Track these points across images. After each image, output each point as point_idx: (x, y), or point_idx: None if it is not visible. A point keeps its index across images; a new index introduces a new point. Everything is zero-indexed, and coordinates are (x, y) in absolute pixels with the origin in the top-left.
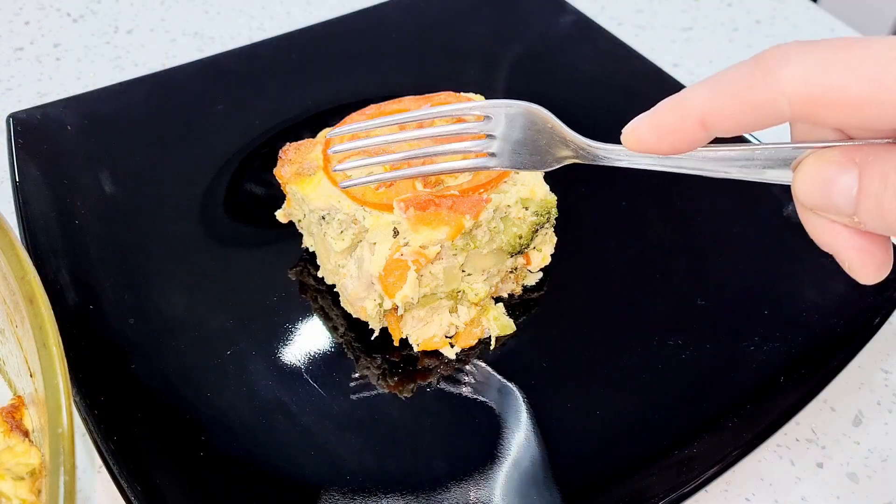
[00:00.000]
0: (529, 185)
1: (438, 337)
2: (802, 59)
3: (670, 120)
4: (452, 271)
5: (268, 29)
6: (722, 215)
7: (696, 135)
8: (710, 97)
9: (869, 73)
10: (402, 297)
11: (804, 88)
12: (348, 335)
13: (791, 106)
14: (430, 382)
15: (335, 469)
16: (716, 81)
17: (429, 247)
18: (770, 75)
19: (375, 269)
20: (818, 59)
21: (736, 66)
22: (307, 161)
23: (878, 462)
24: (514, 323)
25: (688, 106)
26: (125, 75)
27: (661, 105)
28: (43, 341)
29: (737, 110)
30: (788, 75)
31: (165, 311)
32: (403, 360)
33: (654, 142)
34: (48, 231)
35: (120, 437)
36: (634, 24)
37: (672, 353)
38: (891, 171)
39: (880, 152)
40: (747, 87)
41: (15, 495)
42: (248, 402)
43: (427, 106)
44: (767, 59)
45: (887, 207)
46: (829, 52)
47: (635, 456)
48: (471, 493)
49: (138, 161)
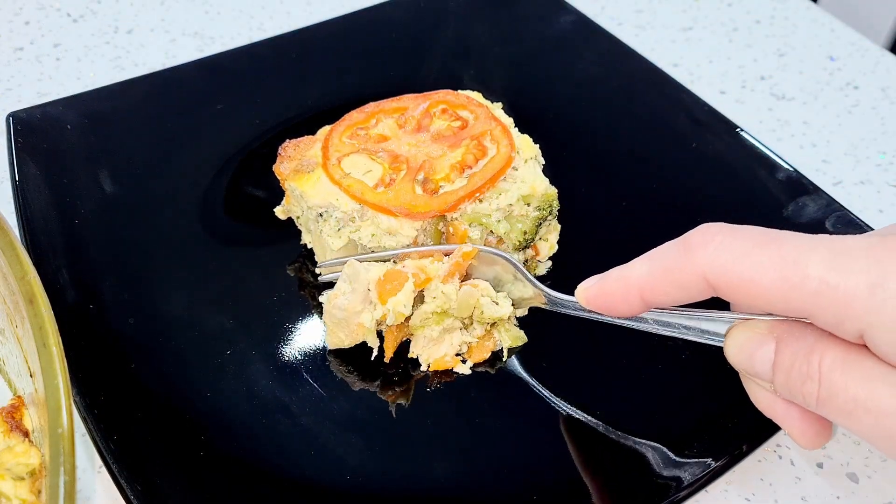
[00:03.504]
0: (529, 181)
1: (450, 356)
2: (720, 246)
3: (616, 290)
4: (469, 299)
5: (268, 29)
6: (723, 214)
7: (637, 306)
8: (646, 273)
9: (779, 271)
10: (394, 304)
11: (721, 275)
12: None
13: (710, 286)
14: (430, 382)
15: (335, 469)
16: (652, 259)
17: (432, 263)
18: (693, 258)
19: (374, 275)
20: (735, 249)
21: (668, 245)
22: (306, 158)
23: (878, 462)
24: (524, 334)
25: (629, 280)
26: (125, 75)
27: (609, 274)
28: (43, 341)
29: (668, 288)
30: (706, 259)
31: (165, 310)
32: (406, 364)
33: (600, 307)
34: (48, 230)
35: (120, 437)
36: (634, 24)
37: (672, 353)
38: (801, 350)
39: (796, 331)
40: (674, 267)
41: (15, 495)
42: (248, 402)
43: (426, 103)
44: (691, 240)
45: (793, 382)
46: (746, 244)
47: (635, 456)
48: (472, 494)
49: (138, 160)
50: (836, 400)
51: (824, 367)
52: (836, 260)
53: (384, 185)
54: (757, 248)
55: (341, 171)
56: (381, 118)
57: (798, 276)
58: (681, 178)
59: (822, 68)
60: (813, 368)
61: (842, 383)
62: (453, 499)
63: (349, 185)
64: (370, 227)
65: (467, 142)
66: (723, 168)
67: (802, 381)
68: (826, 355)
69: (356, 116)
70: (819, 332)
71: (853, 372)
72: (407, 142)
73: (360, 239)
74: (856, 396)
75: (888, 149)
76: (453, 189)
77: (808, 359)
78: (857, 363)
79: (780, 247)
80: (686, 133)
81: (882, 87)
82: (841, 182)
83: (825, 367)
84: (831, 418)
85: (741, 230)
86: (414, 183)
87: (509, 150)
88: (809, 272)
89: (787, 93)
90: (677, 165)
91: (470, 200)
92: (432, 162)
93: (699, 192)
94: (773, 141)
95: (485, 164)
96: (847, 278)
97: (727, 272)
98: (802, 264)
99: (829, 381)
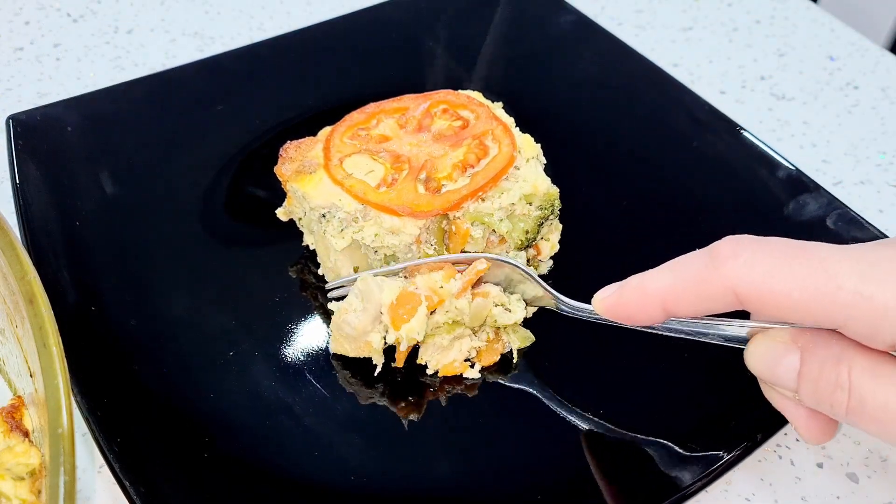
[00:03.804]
0: (531, 181)
1: (459, 362)
2: (749, 258)
3: (636, 300)
4: (482, 311)
5: (268, 29)
6: (723, 213)
7: (657, 316)
8: (670, 285)
9: (811, 283)
10: (407, 330)
11: (750, 288)
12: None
13: (738, 298)
14: (434, 383)
15: (338, 470)
16: (675, 269)
17: (443, 286)
18: (720, 269)
19: (388, 298)
20: (764, 262)
21: (693, 255)
22: (308, 159)
23: (878, 462)
24: (531, 333)
25: (650, 290)
26: (125, 75)
27: (628, 283)
28: (43, 341)
29: (693, 299)
30: (735, 272)
31: (167, 311)
32: (413, 367)
33: (619, 316)
34: (49, 232)
35: (123, 440)
36: (634, 24)
37: (673, 353)
38: (828, 360)
39: (821, 340)
40: (701, 280)
41: (15, 495)
42: (251, 403)
43: (426, 103)
44: (719, 252)
45: (822, 392)
46: (775, 257)
47: (636, 455)
48: (476, 494)
49: (138, 161)
50: (866, 408)
51: (854, 376)
52: (869, 270)
53: (386, 184)
54: (787, 261)
55: (343, 172)
56: (381, 118)
57: (830, 287)
58: (681, 178)
59: (822, 68)
60: (843, 377)
61: (871, 392)
62: (457, 499)
63: (351, 185)
64: (373, 226)
65: (469, 141)
66: (723, 167)
67: (832, 390)
68: (855, 364)
69: (357, 117)
70: (845, 340)
71: (883, 380)
72: (408, 142)
73: (363, 239)
74: (886, 404)
75: (888, 149)
76: (456, 188)
77: (837, 368)
78: (887, 371)
79: (810, 258)
80: (686, 132)
81: (882, 87)
82: (841, 182)
83: (855, 376)
84: (861, 427)
85: (769, 242)
86: (416, 182)
87: (511, 149)
88: (842, 283)
89: (787, 93)
90: (678, 164)
91: (472, 199)
92: (434, 161)
93: (700, 190)
94: (774, 141)
95: (487, 163)
96: (883, 289)
97: (758, 285)
98: (834, 275)
99: (860, 389)
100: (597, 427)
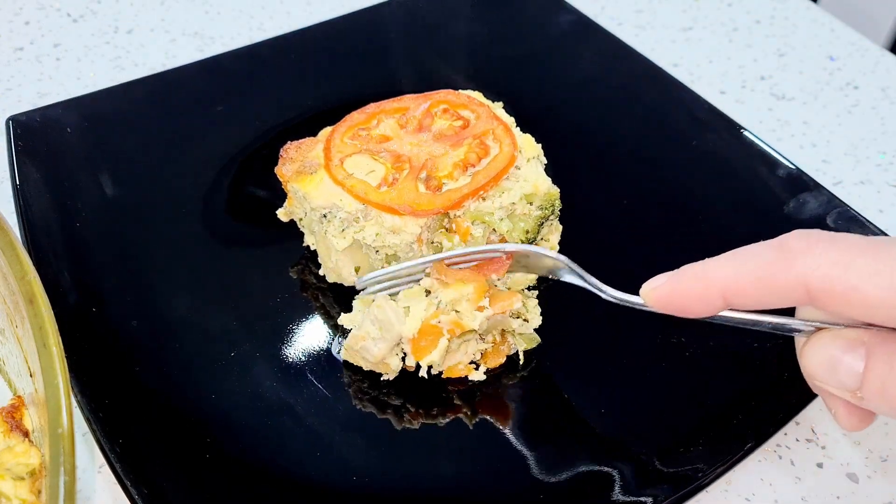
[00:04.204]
0: (532, 180)
1: (464, 364)
2: (824, 253)
3: (693, 289)
4: (500, 325)
5: (268, 29)
6: (724, 212)
7: (715, 306)
8: (733, 275)
9: (887, 279)
10: (428, 361)
11: (824, 283)
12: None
13: (809, 294)
14: (435, 383)
15: (340, 471)
16: (740, 260)
17: (464, 315)
18: (793, 264)
19: (409, 332)
20: (840, 257)
21: (760, 247)
22: (308, 159)
23: (878, 462)
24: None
25: (711, 279)
26: (125, 75)
27: (683, 272)
28: (43, 341)
29: (759, 292)
30: (809, 267)
31: (168, 312)
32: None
33: (673, 306)
34: (49, 233)
35: (125, 440)
36: (634, 24)
37: (674, 352)
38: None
39: (888, 336)
40: (770, 273)
41: (15, 495)
42: (253, 403)
43: (427, 103)
44: (790, 245)
45: (890, 391)
46: (851, 252)
47: (636, 456)
48: (476, 495)
49: (138, 162)
50: None
51: None
52: None
53: (387, 184)
54: (861, 256)
55: (344, 172)
56: (382, 118)
57: None
58: (682, 178)
59: (821, 68)
60: None
61: None
62: (459, 499)
63: (352, 185)
64: (374, 226)
65: (469, 141)
66: (723, 166)
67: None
68: None
69: (357, 117)
70: None
71: None
72: (409, 142)
73: (364, 239)
74: None
75: (888, 149)
76: (457, 187)
77: None
78: None
79: (886, 254)
80: (687, 132)
81: (882, 87)
82: (841, 182)
83: None
84: None
85: (840, 237)
86: (417, 181)
87: (512, 148)
88: None
89: (787, 93)
90: (678, 164)
91: (473, 198)
92: (435, 160)
93: (700, 190)
94: (774, 141)
95: (488, 162)
96: None
97: (832, 280)
98: None
99: None
100: (599, 427)
